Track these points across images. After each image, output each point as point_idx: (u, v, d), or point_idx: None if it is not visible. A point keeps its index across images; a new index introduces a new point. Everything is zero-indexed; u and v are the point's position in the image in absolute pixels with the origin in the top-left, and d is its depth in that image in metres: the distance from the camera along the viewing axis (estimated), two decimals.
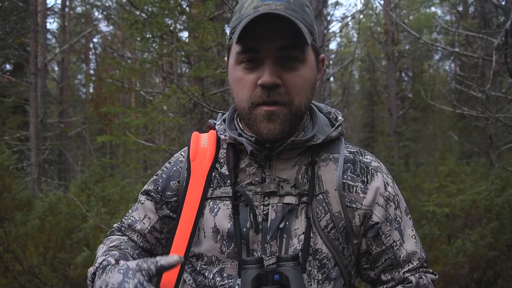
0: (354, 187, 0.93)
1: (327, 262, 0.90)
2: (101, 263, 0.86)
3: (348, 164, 0.95)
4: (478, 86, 5.47)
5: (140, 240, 1.04)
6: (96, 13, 15.11)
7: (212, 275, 0.91)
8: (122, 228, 1.07)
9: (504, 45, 3.42)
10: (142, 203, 1.04)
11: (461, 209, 5.10)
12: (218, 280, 0.91)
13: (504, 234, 4.50)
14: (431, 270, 1.00)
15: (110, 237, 1.07)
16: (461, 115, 9.17)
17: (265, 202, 0.91)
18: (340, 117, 1.01)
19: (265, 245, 0.89)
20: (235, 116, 1.01)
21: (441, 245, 4.90)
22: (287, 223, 0.89)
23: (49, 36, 13.27)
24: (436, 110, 10.60)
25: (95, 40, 15.26)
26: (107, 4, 13.23)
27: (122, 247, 0.98)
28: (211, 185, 0.96)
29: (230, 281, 0.90)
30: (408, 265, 0.96)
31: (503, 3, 4.28)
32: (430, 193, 5.61)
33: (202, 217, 0.94)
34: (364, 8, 12.02)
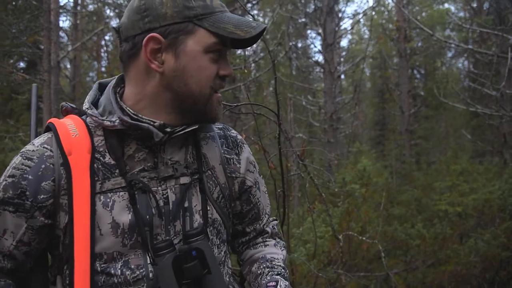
0: (231, 159, 1.06)
1: (220, 228, 1.02)
2: None
3: (222, 140, 1.07)
4: (493, 84, 5.38)
5: (5, 262, 0.90)
6: (108, 11, 15.22)
7: (119, 271, 0.88)
8: None
9: None
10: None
11: (473, 208, 5.05)
12: (128, 274, 0.89)
13: None
14: (274, 218, 1.22)
15: None
16: (475, 113, 9.04)
17: (162, 186, 0.93)
18: None
19: (168, 227, 0.93)
20: (118, 99, 0.95)
21: (453, 245, 4.86)
22: (186, 201, 0.95)
23: (61, 34, 13.41)
24: (448, 108, 10.47)
25: (106, 37, 15.36)
26: (118, 2, 13.31)
27: None
28: (97, 178, 0.89)
29: (141, 270, 0.89)
30: (265, 216, 1.16)
31: None
32: (442, 192, 5.57)
33: (95, 214, 0.88)
34: (376, 5, 11.92)
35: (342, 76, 12.87)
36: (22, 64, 13.62)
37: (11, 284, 0.90)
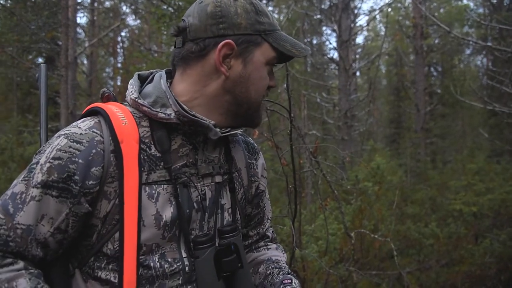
0: (252, 164, 1.13)
1: (240, 227, 1.07)
2: None
3: (244, 145, 1.13)
4: (511, 82, 5.28)
5: (38, 250, 0.86)
6: (124, 8, 15.37)
7: (158, 264, 0.90)
8: (10, 244, 0.83)
9: None
10: (38, 200, 0.84)
11: (489, 208, 4.98)
12: (166, 267, 0.90)
13: None
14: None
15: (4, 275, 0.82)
16: (492, 112, 8.88)
17: (201, 183, 0.98)
18: None
19: (203, 222, 0.97)
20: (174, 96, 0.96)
21: (467, 245, 4.80)
22: (219, 199, 1.01)
23: (79, 30, 13.58)
24: (466, 106, 10.30)
25: (122, 34, 15.52)
26: None
27: (38, 286, 0.83)
28: (143, 169, 0.90)
29: (178, 264, 0.92)
30: (268, 222, 1.21)
31: None
32: (457, 191, 5.49)
33: (141, 205, 0.89)
34: (393, 1, 11.76)
35: (357, 73, 12.75)
36: (40, 60, 13.86)
37: (41, 273, 0.87)
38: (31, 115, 11.16)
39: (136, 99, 0.94)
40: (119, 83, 16.29)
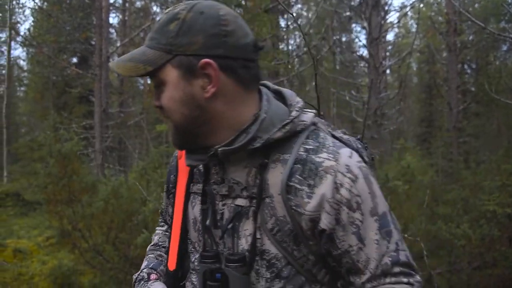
0: (300, 191, 0.88)
1: (277, 262, 0.91)
2: (139, 273, 1.12)
3: (298, 166, 0.89)
4: None
5: (170, 221, 1.19)
6: (155, 7, 15.67)
7: (194, 259, 1.04)
8: (163, 214, 1.25)
9: None
10: (164, 192, 1.23)
11: None
12: (196, 265, 1.02)
13: None
14: (405, 280, 0.89)
15: (157, 227, 1.29)
16: None
17: (223, 202, 0.97)
18: (293, 113, 0.93)
19: (222, 240, 0.97)
20: None
21: (501, 247, 4.67)
22: (237, 223, 0.94)
23: (111, 30, 13.95)
24: (501, 104, 9.94)
25: None
26: None
27: (160, 242, 1.22)
28: (193, 181, 1.06)
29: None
30: (367, 274, 0.88)
31: None
32: (491, 192, 5.33)
33: (187, 209, 1.07)
34: None
35: (388, 71, 12.54)
36: (74, 59, 14.31)
37: (167, 232, 1.20)
38: (66, 112, 11.56)
39: None
40: (149, 81, 16.63)
